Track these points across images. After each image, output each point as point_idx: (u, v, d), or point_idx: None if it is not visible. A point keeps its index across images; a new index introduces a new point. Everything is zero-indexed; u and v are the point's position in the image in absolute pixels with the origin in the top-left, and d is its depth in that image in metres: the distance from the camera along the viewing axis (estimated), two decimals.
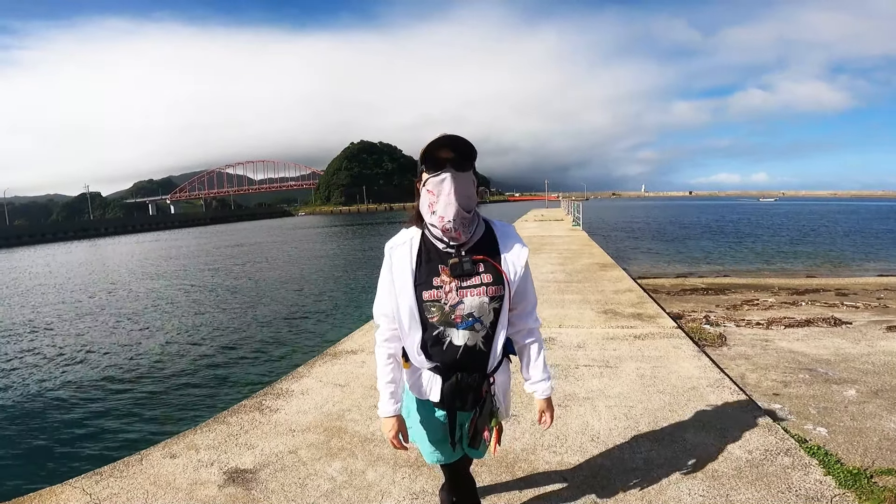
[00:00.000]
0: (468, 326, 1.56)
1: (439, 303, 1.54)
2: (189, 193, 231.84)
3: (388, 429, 1.67)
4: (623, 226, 38.84)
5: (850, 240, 25.10)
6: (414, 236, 1.61)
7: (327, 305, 12.94)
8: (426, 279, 1.55)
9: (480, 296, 1.54)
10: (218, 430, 3.11)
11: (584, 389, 3.59)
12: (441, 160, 1.49)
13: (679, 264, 17.00)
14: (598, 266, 9.85)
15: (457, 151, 1.49)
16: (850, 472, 2.45)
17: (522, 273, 1.62)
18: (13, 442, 5.61)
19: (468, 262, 1.54)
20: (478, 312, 1.55)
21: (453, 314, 1.54)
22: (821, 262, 17.06)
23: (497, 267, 1.57)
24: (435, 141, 1.47)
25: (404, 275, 1.56)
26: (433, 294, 1.54)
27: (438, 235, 1.56)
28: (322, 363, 4.38)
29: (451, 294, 1.53)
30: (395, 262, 1.59)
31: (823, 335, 5.22)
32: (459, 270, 1.53)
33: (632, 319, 5.56)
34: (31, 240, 60.88)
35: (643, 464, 2.56)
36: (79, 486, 2.50)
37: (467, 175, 1.52)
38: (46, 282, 20.85)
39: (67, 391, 7.18)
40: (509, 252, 1.61)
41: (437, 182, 1.49)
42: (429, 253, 1.58)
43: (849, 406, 3.37)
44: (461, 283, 1.54)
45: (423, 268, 1.56)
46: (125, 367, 8.28)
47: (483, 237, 1.61)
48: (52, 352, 9.49)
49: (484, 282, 1.55)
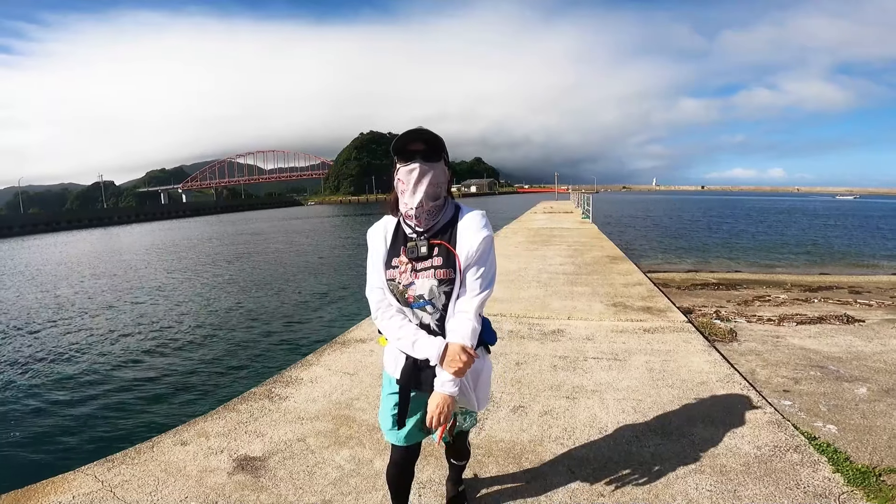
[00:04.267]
0: (420, 307, 1.65)
1: (394, 282, 1.66)
2: (200, 183, 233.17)
3: (458, 353, 1.61)
4: (636, 219, 38.55)
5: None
6: (388, 223, 1.74)
7: (336, 294, 13.02)
8: (389, 259, 1.69)
9: (430, 278, 1.62)
10: (228, 418, 3.14)
11: (593, 382, 3.59)
12: (410, 152, 1.59)
13: (689, 259, 16.86)
14: (607, 259, 9.79)
15: (426, 143, 1.59)
16: (858, 470, 2.42)
17: (475, 258, 1.62)
18: (26, 429, 5.71)
19: (423, 244, 1.63)
20: (428, 295, 1.63)
21: (406, 294, 1.64)
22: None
23: (451, 250, 1.63)
24: (405, 134, 1.58)
25: (377, 257, 1.71)
26: (391, 273, 1.67)
27: (408, 222, 1.67)
28: (331, 351, 4.41)
29: (405, 275, 1.64)
30: (375, 243, 1.73)
31: (836, 332, 5.16)
32: (414, 253, 1.64)
33: (641, 313, 5.53)
34: (47, 228, 61.60)
35: (651, 457, 2.55)
36: (91, 472, 2.55)
37: (436, 166, 1.60)
38: (59, 271, 21.13)
39: (80, 379, 7.30)
40: (465, 236, 1.64)
41: (406, 172, 1.59)
42: (396, 236, 1.70)
43: (859, 404, 3.33)
44: (415, 266, 1.64)
45: (390, 250, 1.70)
46: (136, 355, 8.40)
47: (447, 223, 1.68)
48: (63, 341, 9.65)
49: (434, 265, 1.62)
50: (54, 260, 25.26)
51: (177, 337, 9.38)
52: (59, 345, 9.24)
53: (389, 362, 1.79)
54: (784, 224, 33.92)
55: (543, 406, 3.21)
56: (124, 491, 2.37)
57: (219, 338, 9.21)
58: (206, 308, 11.93)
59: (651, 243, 22.00)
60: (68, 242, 38.37)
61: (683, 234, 26.76)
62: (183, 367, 7.60)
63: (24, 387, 7.08)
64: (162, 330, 9.98)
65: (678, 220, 38.16)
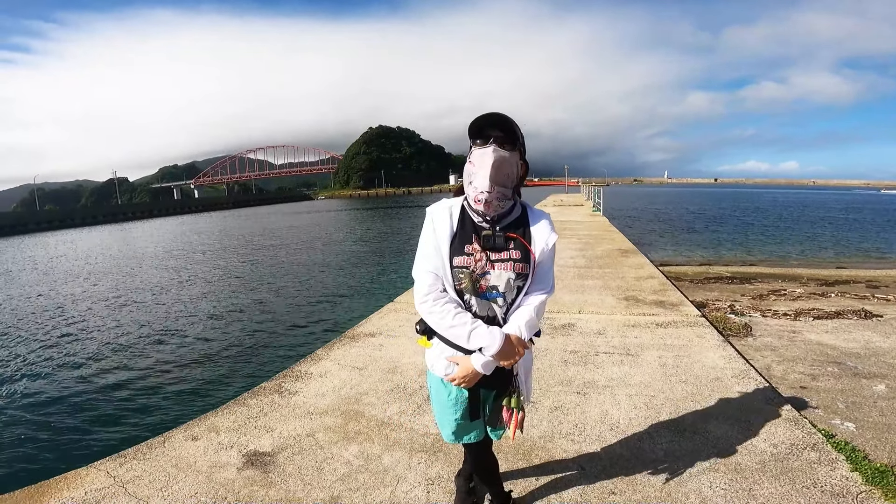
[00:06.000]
0: (491, 298, 1.62)
1: (468, 269, 1.60)
2: (212, 178, 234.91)
3: (515, 346, 1.62)
4: (647, 212, 38.21)
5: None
6: (454, 204, 1.68)
7: (346, 288, 13.05)
8: (459, 245, 1.62)
9: (507, 270, 1.61)
10: (238, 413, 3.15)
11: (604, 377, 3.54)
12: (487, 136, 1.54)
13: (702, 252, 16.67)
14: (618, 252, 9.71)
15: (502, 129, 1.54)
16: (877, 469, 2.36)
17: (546, 258, 1.66)
18: (39, 425, 5.78)
19: (500, 236, 1.60)
20: (503, 287, 1.61)
21: (479, 283, 1.60)
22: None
23: (526, 246, 1.62)
24: (483, 116, 1.54)
25: (442, 239, 1.63)
26: (463, 260, 1.60)
27: (475, 207, 1.61)
28: (340, 346, 4.41)
29: (481, 263, 1.60)
30: (439, 224, 1.64)
31: (853, 328, 5.05)
32: (491, 243, 1.60)
33: (654, 307, 5.46)
34: (62, 224, 62.50)
35: (663, 455, 2.51)
36: (103, 468, 2.56)
37: (511, 155, 1.56)
38: (72, 266, 21.44)
39: (91, 375, 7.37)
40: (539, 234, 1.65)
41: (479, 155, 1.55)
42: (464, 222, 1.64)
43: (878, 401, 3.26)
44: (490, 256, 1.60)
45: (458, 235, 1.63)
46: (146, 350, 8.49)
47: (518, 218, 1.68)
48: (72, 336, 9.76)
49: (513, 258, 1.61)
50: (68, 255, 25.63)
51: (186, 332, 9.47)
52: (69, 341, 9.36)
53: (438, 364, 1.72)
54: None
55: (554, 401, 3.17)
56: (136, 486, 2.38)
57: (228, 332, 9.28)
58: (216, 303, 12.03)
59: (663, 236, 21.78)
60: (82, 239, 38.92)
61: (703, 227, 26.43)
62: (193, 362, 7.66)
63: (35, 384, 7.17)
64: (171, 325, 10.07)
65: (700, 213, 37.52)
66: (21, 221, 61.16)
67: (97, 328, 10.12)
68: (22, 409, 6.27)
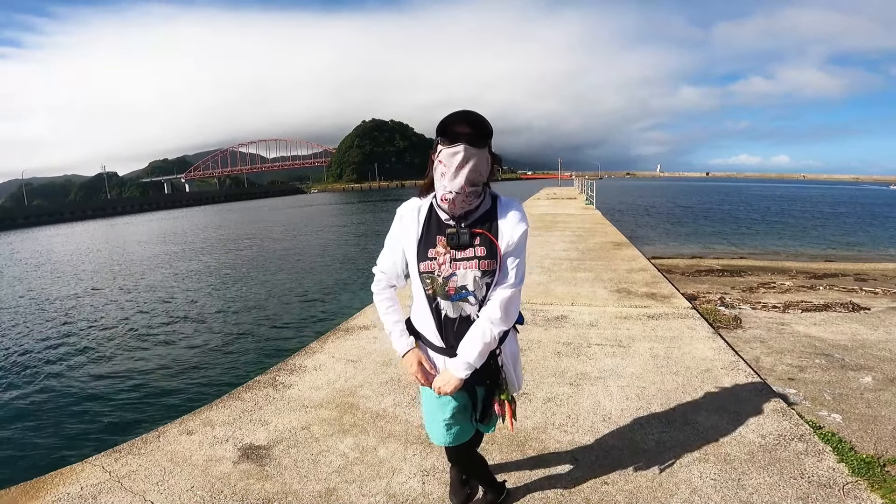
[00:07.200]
0: (461, 298, 1.60)
1: (433, 274, 1.59)
2: (203, 172, 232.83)
3: (410, 364, 1.70)
4: (639, 206, 38.36)
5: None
6: (423, 204, 1.66)
7: (339, 281, 13.04)
8: (423, 250, 1.61)
9: (472, 269, 1.58)
10: (233, 407, 3.16)
11: (597, 369, 3.58)
12: (456, 134, 1.50)
13: (693, 245, 16.80)
14: (611, 245, 9.75)
15: (473, 127, 1.51)
16: (863, 461, 2.41)
17: (512, 250, 1.61)
18: (34, 421, 5.76)
19: (465, 233, 1.57)
20: (471, 286, 1.59)
21: (446, 286, 1.59)
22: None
23: (493, 240, 1.59)
24: (452, 115, 1.50)
25: (410, 242, 1.63)
26: (428, 266, 1.60)
27: (443, 206, 1.59)
28: (335, 339, 4.41)
29: (445, 266, 1.58)
30: (405, 226, 1.65)
31: (841, 320, 5.13)
32: (455, 242, 1.57)
33: (645, 299, 5.51)
34: (51, 219, 61.73)
35: (655, 445, 2.55)
36: (98, 463, 2.56)
37: (481, 152, 1.53)
38: (64, 262, 21.24)
39: (85, 370, 7.35)
40: (507, 227, 1.61)
41: (449, 154, 1.50)
42: (429, 223, 1.63)
43: (864, 393, 3.32)
44: (455, 255, 1.58)
45: (423, 238, 1.62)
46: (140, 345, 8.46)
47: (487, 211, 1.63)
48: (66, 332, 9.71)
49: (477, 255, 1.58)
50: (58, 250, 25.37)
51: (180, 326, 9.44)
52: (63, 336, 9.30)
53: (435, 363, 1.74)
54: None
55: (547, 393, 3.20)
56: (132, 481, 2.39)
57: (222, 326, 9.26)
58: (209, 297, 11.98)
59: (655, 229, 21.91)
60: (72, 234, 38.49)
61: (693, 220, 26.60)
62: (187, 356, 7.64)
63: (30, 379, 7.13)
64: (165, 320, 10.03)
65: (690, 207, 37.82)
66: (9, 216, 60.39)
67: (89, 324, 10.05)
68: (16, 405, 6.24)
